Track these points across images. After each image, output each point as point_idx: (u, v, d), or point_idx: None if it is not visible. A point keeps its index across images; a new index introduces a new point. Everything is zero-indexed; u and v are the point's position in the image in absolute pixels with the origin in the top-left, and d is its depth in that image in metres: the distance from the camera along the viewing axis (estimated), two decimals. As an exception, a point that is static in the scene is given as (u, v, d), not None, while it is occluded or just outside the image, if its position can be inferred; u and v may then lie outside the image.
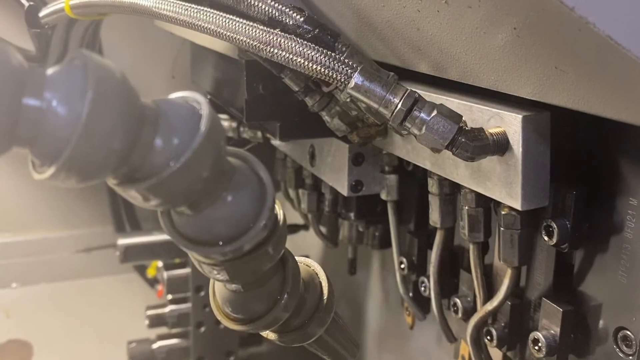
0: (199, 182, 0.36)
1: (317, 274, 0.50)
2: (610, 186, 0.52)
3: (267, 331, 0.46)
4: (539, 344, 0.56)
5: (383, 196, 0.78)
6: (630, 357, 0.51)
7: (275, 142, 1.01)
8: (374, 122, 0.69)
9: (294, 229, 1.26)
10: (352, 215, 0.85)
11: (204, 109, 0.35)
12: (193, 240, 0.39)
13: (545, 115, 0.51)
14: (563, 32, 0.36)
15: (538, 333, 0.56)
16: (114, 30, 1.21)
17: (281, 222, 0.42)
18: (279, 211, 0.43)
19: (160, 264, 1.18)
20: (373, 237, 0.89)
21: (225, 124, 0.96)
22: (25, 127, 0.30)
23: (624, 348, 0.51)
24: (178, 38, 1.12)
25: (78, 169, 0.31)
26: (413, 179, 0.77)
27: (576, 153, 0.54)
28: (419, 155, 0.66)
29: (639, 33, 0.33)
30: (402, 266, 0.79)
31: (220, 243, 0.38)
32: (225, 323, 0.44)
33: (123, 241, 1.11)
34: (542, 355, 0.56)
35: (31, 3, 0.88)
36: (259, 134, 0.92)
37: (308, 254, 1.33)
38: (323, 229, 1.06)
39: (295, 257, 0.48)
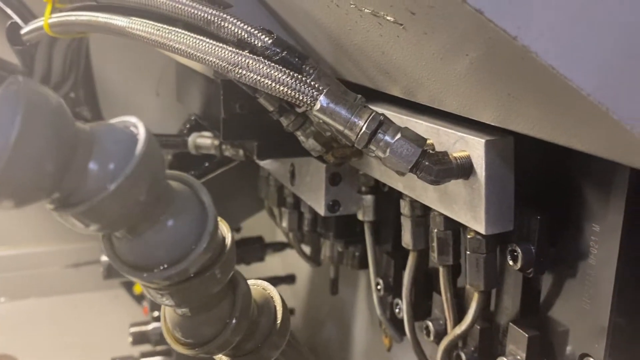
0: (136, 206, 0.36)
1: (272, 297, 0.50)
2: (575, 212, 0.52)
3: (220, 355, 0.46)
4: (505, 370, 0.56)
5: (360, 216, 0.78)
6: (594, 385, 0.51)
7: (260, 161, 1.01)
8: (348, 143, 0.69)
9: (280, 247, 1.26)
10: (331, 235, 0.85)
11: (141, 133, 0.35)
12: (134, 266, 0.38)
13: (509, 139, 0.51)
14: (510, 60, 0.36)
15: (504, 358, 0.56)
16: (103, 48, 1.22)
17: (229, 246, 0.42)
18: (227, 234, 0.43)
19: (145, 280, 1.17)
20: (353, 257, 0.89)
21: (208, 141, 0.96)
22: None
23: (588, 375, 0.51)
24: (165, 56, 1.12)
25: (10, 192, 0.31)
26: (390, 199, 0.77)
27: (542, 178, 0.54)
28: (392, 176, 0.66)
29: (581, 63, 0.33)
30: (379, 287, 0.78)
31: (161, 267, 0.38)
32: (176, 347, 0.43)
33: (106, 257, 1.11)
34: (508, 381, 0.56)
35: (12, 20, 0.89)
36: (241, 152, 0.93)
37: (294, 273, 1.33)
38: (306, 248, 1.06)
39: (251, 280, 0.48)
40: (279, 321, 0.48)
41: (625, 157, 0.37)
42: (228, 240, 0.42)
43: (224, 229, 0.43)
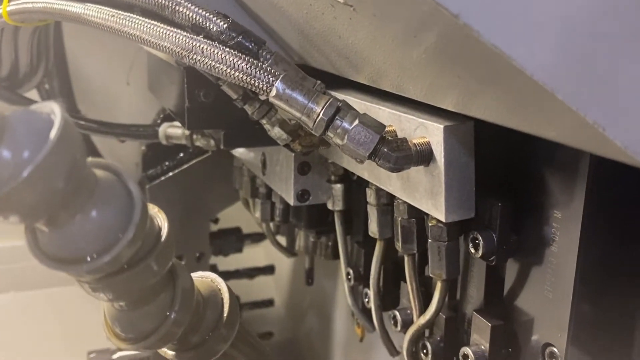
0: (54, 195, 0.34)
1: (220, 289, 0.49)
2: (538, 199, 0.50)
3: (165, 349, 0.45)
4: (469, 360, 0.55)
5: (330, 206, 0.76)
6: (556, 375, 0.49)
7: (234, 150, 1.00)
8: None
9: (258, 237, 1.25)
10: (302, 225, 0.84)
11: (58, 119, 0.34)
12: (60, 259, 0.37)
13: (468, 125, 0.50)
14: (455, 41, 0.35)
15: (468, 348, 0.55)
16: (77, 37, 1.20)
17: (164, 236, 0.41)
18: (164, 224, 0.41)
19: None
20: (326, 247, 0.88)
21: (179, 131, 0.95)
22: None
23: (550, 365, 0.50)
24: (137, 45, 1.10)
25: None
26: (360, 189, 0.76)
27: (504, 165, 0.53)
28: (358, 165, 0.64)
29: (525, 42, 0.32)
30: (349, 277, 0.77)
31: (88, 259, 0.36)
32: (116, 343, 0.42)
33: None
34: (471, 372, 0.55)
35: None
36: (212, 141, 0.91)
37: (276, 263, 1.32)
38: (282, 239, 1.04)
39: (199, 272, 0.46)
40: (225, 313, 0.47)
41: (577, 140, 0.35)
42: (164, 231, 0.41)
43: (160, 218, 0.42)
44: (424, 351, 0.61)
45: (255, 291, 1.44)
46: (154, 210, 0.44)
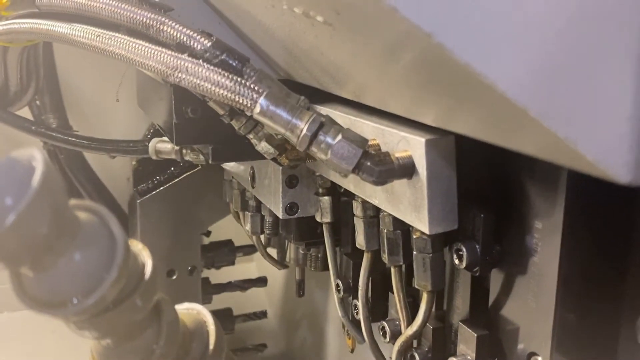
0: (37, 240, 0.35)
1: (205, 321, 0.50)
2: (519, 210, 0.51)
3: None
4: (456, 370, 0.55)
5: (318, 218, 0.77)
6: (541, 383, 0.50)
7: (224, 164, 1.00)
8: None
9: (250, 250, 1.25)
10: (291, 237, 0.84)
11: (39, 165, 0.34)
12: (45, 303, 0.38)
13: (450, 139, 0.50)
14: (429, 58, 0.36)
15: (454, 359, 0.55)
16: (68, 54, 1.20)
17: (148, 273, 0.42)
18: (148, 261, 0.42)
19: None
20: (315, 259, 0.88)
21: (168, 146, 0.95)
22: None
23: (536, 374, 0.51)
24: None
25: None
26: (348, 201, 0.76)
27: (486, 177, 0.54)
28: (343, 179, 0.65)
29: (497, 60, 0.32)
30: (339, 288, 0.78)
31: (74, 301, 0.37)
32: None
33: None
34: (458, 382, 0.55)
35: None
36: (201, 156, 0.91)
37: (269, 275, 1.32)
38: (274, 251, 1.05)
39: (185, 304, 0.47)
40: (211, 346, 0.47)
41: (552, 155, 0.36)
42: (148, 268, 0.42)
43: (145, 255, 0.43)
44: (413, 362, 0.61)
45: (248, 303, 1.44)
46: (137, 247, 0.44)
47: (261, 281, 1.29)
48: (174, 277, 1.13)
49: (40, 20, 0.67)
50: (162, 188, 1.10)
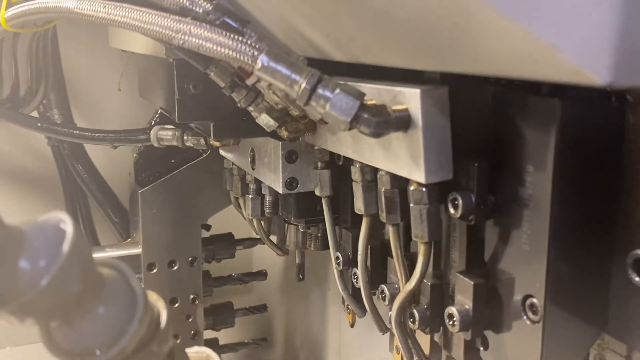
0: (68, 298, 0.39)
1: None
2: (512, 156, 0.53)
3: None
4: (454, 319, 0.57)
5: (317, 192, 0.79)
6: (537, 324, 0.52)
7: (223, 152, 1.02)
8: (300, 116, 0.70)
9: (250, 243, 1.26)
10: (291, 216, 0.86)
11: (69, 228, 0.37)
12: (71, 352, 0.41)
13: (444, 89, 0.53)
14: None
15: (452, 308, 0.57)
16: (71, 50, 1.23)
17: (164, 322, 0.45)
18: (162, 311, 0.45)
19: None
20: (315, 237, 0.90)
21: (169, 133, 0.97)
22: None
23: (531, 315, 0.52)
24: (127, 54, 1.14)
25: None
26: (346, 176, 0.78)
27: (479, 127, 0.56)
28: (342, 145, 0.67)
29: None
30: (338, 261, 0.79)
31: (97, 352, 0.40)
32: None
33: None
34: (456, 330, 0.57)
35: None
36: (202, 140, 0.94)
37: (266, 268, 1.34)
38: (273, 238, 1.07)
39: (195, 347, 0.50)
40: None
41: (540, 70, 0.38)
42: (163, 317, 0.46)
43: (160, 305, 0.46)
44: (411, 319, 0.63)
45: (249, 297, 1.46)
46: (153, 297, 0.48)
47: (261, 275, 1.31)
48: (175, 268, 1.15)
49: (48, -2, 0.69)
50: (163, 179, 1.12)
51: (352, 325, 0.89)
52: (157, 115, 1.11)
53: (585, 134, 0.49)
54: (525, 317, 0.53)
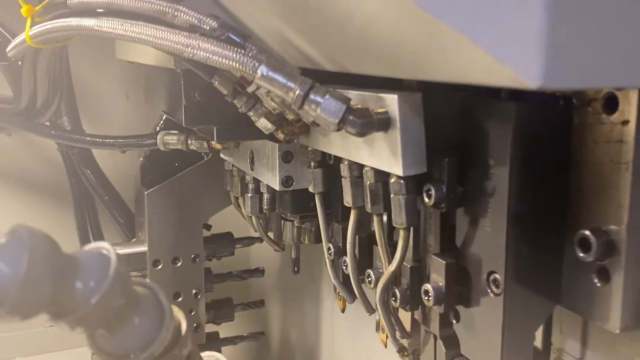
0: (111, 311, 0.49)
1: None
2: (477, 152, 0.61)
3: None
4: (429, 295, 0.65)
5: (311, 189, 0.87)
6: (499, 296, 0.60)
7: (223, 155, 1.11)
8: (295, 120, 0.79)
9: (249, 241, 1.35)
10: (287, 212, 0.94)
11: (112, 256, 0.48)
12: (111, 354, 0.51)
13: (417, 95, 0.61)
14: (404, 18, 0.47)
15: (428, 285, 0.65)
16: (81, 63, 1.32)
17: (184, 330, 0.56)
18: (182, 321, 0.56)
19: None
20: (309, 232, 0.98)
21: (175, 138, 1.06)
22: None
23: (494, 289, 0.61)
24: (133, 65, 1.23)
25: (19, 311, 0.44)
26: (336, 175, 0.87)
27: (449, 126, 0.64)
28: (332, 145, 0.76)
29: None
30: (330, 251, 0.88)
31: (132, 355, 0.51)
32: None
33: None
34: (431, 304, 0.65)
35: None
36: (205, 144, 1.02)
37: (264, 267, 1.42)
38: (271, 235, 1.15)
39: (207, 352, 0.60)
40: None
41: (489, 77, 0.46)
42: (183, 326, 0.56)
43: (180, 316, 0.56)
44: (394, 298, 0.71)
45: (247, 292, 1.54)
46: (174, 310, 0.57)
47: (259, 272, 1.39)
48: (179, 264, 1.23)
49: (71, 17, 0.78)
50: (167, 181, 1.20)
51: (342, 311, 0.97)
52: (161, 121, 1.19)
53: (538, 132, 0.57)
54: (489, 291, 0.61)
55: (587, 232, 0.55)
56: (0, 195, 1.46)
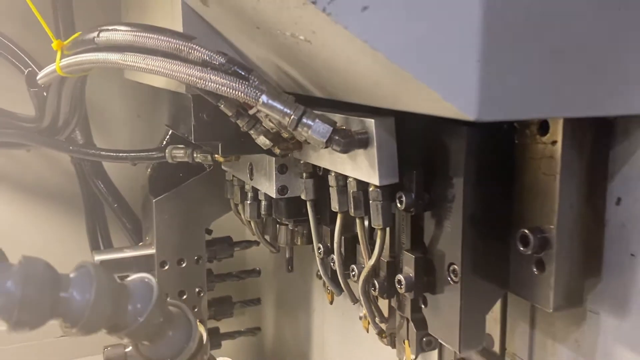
0: (153, 327, 0.64)
1: None
2: (440, 166, 0.75)
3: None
4: (401, 283, 0.79)
5: (303, 196, 1.00)
6: (457, 284, 0.73)
7: (225, 167, 1.24)
8: (290, 137, 0.92)
9: (247, 244, 1.48)
10: (283, 216, 1.08)
11: (154, 284, 0.63)
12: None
13: (391, 119, 0.75)
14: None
15: (400, 275, 0.79)
16: (95, 87, 1.45)
17: (205, 340, 0.70)
18: (204, 333, 0.71)
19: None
20: (302, 234, 1.12)
21: (182, 151, 1.19)
22: (60, 308, 0.57)
23: (453, 278, 0.74)
24: (143, 86, 1.36)
25: (86, 330, 0.59)
26: (325, 184, 1.00)
27: (418, 144, 0.78)
28: (322, 159, 0.89)
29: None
30: (320, 251, 1.01)
31: None
32: None
33: (99, 257, 1.32)
34: (403, 292, 0.78)
35: (30, 69, 1.12)
36: (209, 157, 1.15)
37: (260, 268, 1.55)
38: (267, 238, 1.28)
39: (220, 358, 0.74)
40: None
41: (436, 109, 0.60)
42: (204, 337, 0.70)
43: (201, 329, 0.70)
44: (373, 288, 0.85)
45: (245, 291, 1.67)
46: (197, 324, 0.71)
47: (256, 272, 1.52)
48: (183, 265, 1.36)
49: (98, 52, 0.91)
50: (173, 190, 1.33)
51: (331, 303, 1.10)
52: (167, 136, 1.32)
53: (486, 150, 0.71)
54: (449, 280, 0.74)
55: (526, 231, 0.69)
56: (20, 204, 1.59)
